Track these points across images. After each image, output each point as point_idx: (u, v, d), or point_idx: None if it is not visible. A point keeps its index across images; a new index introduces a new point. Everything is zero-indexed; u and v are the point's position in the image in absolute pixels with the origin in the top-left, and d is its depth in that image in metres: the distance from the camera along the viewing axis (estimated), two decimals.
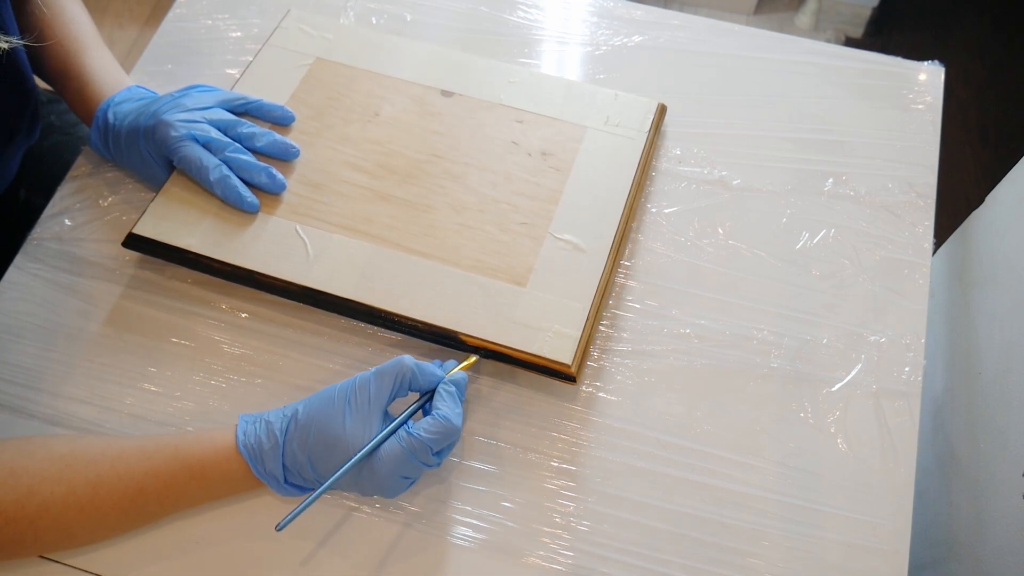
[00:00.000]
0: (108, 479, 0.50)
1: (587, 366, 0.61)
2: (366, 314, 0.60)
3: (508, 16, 0.79)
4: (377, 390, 0.52)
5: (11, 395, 0.60)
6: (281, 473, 0.52)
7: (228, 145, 0.63)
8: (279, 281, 0.61)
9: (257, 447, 0.51)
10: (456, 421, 0.51)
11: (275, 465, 0.51)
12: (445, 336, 0.59)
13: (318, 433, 0.51)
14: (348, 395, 0.52)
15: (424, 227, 0.63)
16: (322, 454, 0.51)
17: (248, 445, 0.52)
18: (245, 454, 0.51)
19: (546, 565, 0.55)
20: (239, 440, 0.52)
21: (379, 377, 0.52)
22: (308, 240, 0.62)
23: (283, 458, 0.51)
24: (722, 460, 0.58)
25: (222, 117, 0.64)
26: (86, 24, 0.70)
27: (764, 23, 1.85)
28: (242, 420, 0.53)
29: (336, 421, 0.51)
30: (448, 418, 0.51)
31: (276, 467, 0.51)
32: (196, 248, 0.61)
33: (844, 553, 0.55)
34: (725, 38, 0.78)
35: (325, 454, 0.51)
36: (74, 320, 0.63)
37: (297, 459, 0.51)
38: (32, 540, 0.50)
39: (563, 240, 0.63)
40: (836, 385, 0.61)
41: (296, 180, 0.65)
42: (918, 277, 0.66)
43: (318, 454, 0.51)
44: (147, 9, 1.84)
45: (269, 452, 0.51)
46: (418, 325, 0.59)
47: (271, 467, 0.51)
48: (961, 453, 0.78)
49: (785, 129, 0.73)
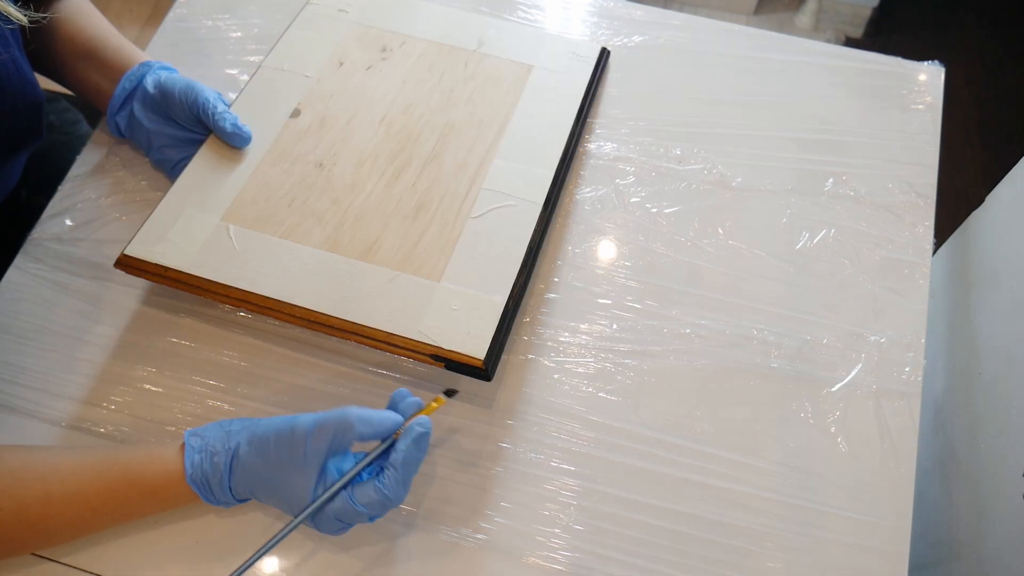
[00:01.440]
0: (58, 497, 0.50)
1: (587, 366, 0.61)
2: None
3: (508, 16, 0.79)
4: (314, 445, 0.49)
5: (11, 395, 0.60)
6: (230, 499, 0.52)
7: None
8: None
9: (204, 481, 0.51)
10: (395, 497, 0.49)
11: (223, 495, 0.51)
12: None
13: (259, 476, 0.50)
14: (285, 444, 0.49)
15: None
16: (265, 493, 0.51)
17: (196, 479, 0.51)
18: (194, 487, 0.51)
19: (546, 565, 0.55)
20: (187, 473, 0.51)
21: (317, 431, 0.49)
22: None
23: (230, 490, 0.51)
24: (722, 460, 0.58)
25: None
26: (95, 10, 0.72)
27: (764, 23, 1.85)
28: (189, 447, 0.52)
29: (274, 470, 0.50)
30: (387, 496, 0.49)
31: (225, 496, 0.51)
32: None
33: (844, 553, 0.55)
34: (725, 38, 0.78)
35: (268, 493, 0.51)
36: (74, 320, 0.63)
37: (242, 491, 0.51)
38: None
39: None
40: (836, 385, 0.61)
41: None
42: (918, 277, 0.66)
43: (262, 492, 0.51)
44: (147, 9, 1.84)
45: (216, 486, 0.51)
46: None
47: (220, 497, 0.51)
48: (961, 453, 0.78)
49: (785, 129, 0.73)
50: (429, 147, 0.67)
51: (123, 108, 0.67)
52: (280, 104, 0.69)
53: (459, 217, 0.63)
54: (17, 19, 0.57)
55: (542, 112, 0.69)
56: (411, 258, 0.61)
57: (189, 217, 0.62)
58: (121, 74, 0.67)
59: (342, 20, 0.75)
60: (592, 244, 0.67)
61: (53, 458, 0.52)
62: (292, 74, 0.70)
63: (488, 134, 0.68)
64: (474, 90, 0.70)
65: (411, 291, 0.59)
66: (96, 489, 0.51)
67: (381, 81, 0.71)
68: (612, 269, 0.66)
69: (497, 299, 0.59)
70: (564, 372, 0.61)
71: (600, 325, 0.63)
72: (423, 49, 0.73)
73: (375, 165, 0.66)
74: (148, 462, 0.52)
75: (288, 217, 0.63)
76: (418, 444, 0.50)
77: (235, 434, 0.52)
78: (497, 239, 0.62)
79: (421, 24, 0.74)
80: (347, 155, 0.66)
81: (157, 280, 0.61)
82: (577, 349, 0.62)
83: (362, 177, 0.65)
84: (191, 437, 0.52)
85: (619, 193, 0.69)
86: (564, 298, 0.64)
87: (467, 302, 0.59)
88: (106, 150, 0.72)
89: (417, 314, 0.58)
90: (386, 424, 0.50)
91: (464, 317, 0.58)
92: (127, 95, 0.67)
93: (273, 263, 0.60)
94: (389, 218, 0.63)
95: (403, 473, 0.49)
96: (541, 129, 0.68)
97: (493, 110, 0.69)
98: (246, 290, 0.59)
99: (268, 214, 0.63)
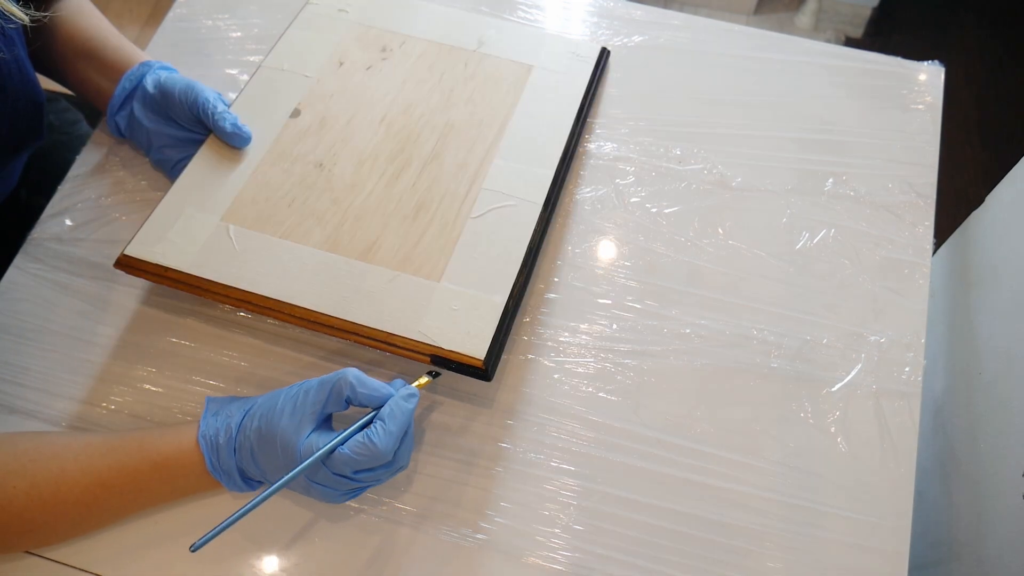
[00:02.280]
0: (71, 473, 0.51)
1: (587, 366, 0.61)
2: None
3: (508, 16, 0.79)
4: (315, 397, 0.51)
5: (11, 395, 0.60)
6: (233, 467, 0.52)
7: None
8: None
9: (214, 439, 0.52)
10: (383, 446, 0.49)
11: (228, 459, 0.52)
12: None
13: (262, 429, 0.51)
14: (290, 397, 0.52)
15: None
16: (264, 452, 0.51)
17: (207, 436, 0.52)
18: (203, 444, 0.52)
19: (546, 565, 0.55)
20: (200, 430, 0.53)
21: (320, 386, 0.52)
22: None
23: (235, 452, 0.52)
24: (722, 460, 0.58)
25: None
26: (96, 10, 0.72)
27: (764, 23, 1.85)
28: (207, 410, 0.54)
29: (275, 420, 0.51)
30: (374, 443, 0.49)
31: (229, 462, 0.52)
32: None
33: (844, 553, 0.55)
34: (725, 38, 0.78)
35: (266, 450, 0.51)
36: (74, 320, 0.63)
37: (244, 453, 0.52)
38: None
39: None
40: (836, 385, 0.61)
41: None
42: (918, 277, 0.66)
43: (260, 450, 0.51)
44: (147, 9, 1.84)
45: (224, 446, 0.52)
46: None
47: (225, 461, 0.52)
48: (961, 453, 0.78)
49: (785, 129, 0.73)
50: (429, 147, 0.67)
51: (123, 108, 0.67)
52: (280, 104, 0.69)
53: (459, 217, 0.63)
54: (19, 18, 0.57)
55: (542, 112, 0.69)
56: (411, 258, 0.61)
57: (189, 217, 0.62)
58: (121, 74, 0.67)
59: (342, 20, 0.75)
60: (592, 244, 0.67)
61: (66, 438, 0.53)
62: (292, 74, 0.70)
63: (488, 134, 0.68)
64: (474, 90, 0.70)
65: (411, 291, 0.59)
66: (108, 463, 0.51)
67: (381, 81, 0.71)
68: (612, 269, 0.66)
69: (497, 299, 0.59)
70: (564, 372, 0.61)
71: (600, 325, 0.63)
72: (423, 49, 0.73)
73: (375, 165, 0.66)
74: (161, 434, 0.53)
75: (288, 217, 0.63)
76: (406, 399, 0.52)
77: (252, 399, 0.54)
78: (497, 239, 0.62)
79: (421, 24, 0.74)
80: (347, 155, 0.66)
81: (157, 280, 0.61)
82: (577, 349, 0.62)
83: (362, 177, 0.65)
84: (211, 402, 0.54)
85: (619, 193, 0.69)
86: (564, 298, 0.64)
87: (467, 302, 0.59)
88: (106, 150, 0.72)
89: (417, 314, 0.58)
90: (381, 391, 0.52)
91: (464, 317, 0.58)
92: (127, 95, 0.67)
93: (273, 263, 0.60)
94: (389, 218, 0.63)
95: (390, 423, 0.50)
96: (541, 129, 0.68)
97: (493, 110, 0.69)
98: (246, 290, 0.59)
99: (268, 214, 0.63)
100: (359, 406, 0.52)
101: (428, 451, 0.58)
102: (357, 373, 0.52)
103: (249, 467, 0.52)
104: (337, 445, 0.50)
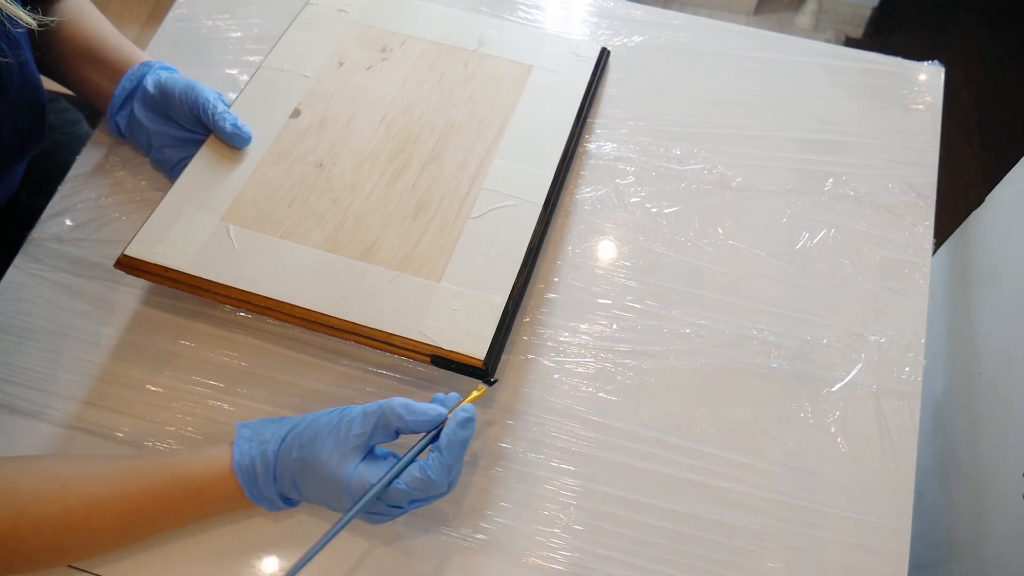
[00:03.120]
0: (103, 500, 0.50)
1: (587, 366, 0.61)
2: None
3: (508, 16, 0.79)
4: (359, 430, 0.50)
5: (11, 395, 0.60)
6: (274, 494, 0.52)
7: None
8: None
9: (251, 469, 0.51)
10: (438, 479, 0.49)
11: (268, 487, 0.51)
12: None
13: (305, 460, 0.50)
14: (332, 427, 0.51)
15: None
16: (307, 481, 0.51)
17: (243, 466, 0.51)
18: (239, 475, 0.51)
19: (546, 565, 0.55)
20: (235, 460, 0.51)
21: (364, 418, 0.50)
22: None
23: (275, 480, 0.51)
24: (722, 460, 0.58)
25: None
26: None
27: (764, 23, 1.85)
28: (239, 436, 0.53)
29: (318, 451, 0.50)
30: (431, 478, 0.49)
31: (269, 489, 0.51)
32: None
33: (844, 553, 0.55)
34: (725, 38, 0.78)
35: (309, 479, 0.50)
36: (74, 320, 0.63)
37: (285, 480, 0.51)
38: (25, 558, 0.50)
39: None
40: (836, 385, 0.61)
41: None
42: (918, 277, 0.66)
43: (304, 479, 0.51)
44: (147, 9, 1.84)
45: (262, 475, 0.51)
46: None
47: (265, 490, 0.51)
48: (961, 453, 0.78)
49: (785, 129, 0.73)
50: (429, 147, 0.67)
51: (123, 108, 0.67)
52: (280, 104, 0.69)
53: (459, 217, 0.63)
54: (26, 23, 0.57)
55: (542, 112, 0.69)
56: (411, 258, 0.61)
57: (189, 217, 0.62)
58: (121, 74, 0.67)
59: (342, 20, 0.75)
60: (592, 244, 0.67)
61: (97, 462, 0.52)
62: (292, 74, 0.71)
63: (488, 134, 0.68)
64: (474, 90, 0.70)
65: (411, 291, 0.59)
66: (139, 489, 0.51)
67: (381, 81, 0.71)
68: (612, 269, 0.66)
69: (497, 299, 0.59)
70: (564, 372, 0.61)
71: (600, 325, 0.63)
72: (423, 49, 0.73)
73: (375, 165, 0.66)
74: (193, 460, 0.52)
75: (288, 217, 0.63)
76: (463, 426, 0.50)
77: (286, 423, 0.53)
78: (497, 239, 0.62)
79: (421, 24, 0.75)
80: (347, 155, 0.66)
81: (157, 280, 0.61)
82: (577, 349, 0.62)
83: (362, 177, 0.65)
84: (242, 428, 0.53)
85: (619, 193, 0.69)
86: (564, 298, 0.64)
87: (467, 302, 0.59)
88: (106, 150, 0.72)
89: (417, 314, 0.58)
90: (430, 414, 0.51)
91: (464, 317, 0.58)
92: (127, 95, 0.67)
93: (273, 263, 0.60)
94: (389, 218, 0.63)
95: (448, 456, 0.49)
96: (541, 129, 0.68)
97: (493, 110, 0.69)
98: (246, 290, 0.59)
99: (268, 214, 0.63)
100: (411, 434, 0.51)
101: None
102: (404, 402, 0.50)
103: (291, 492, 0.52)
104: (393, 478, 0.49)
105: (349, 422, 0.50)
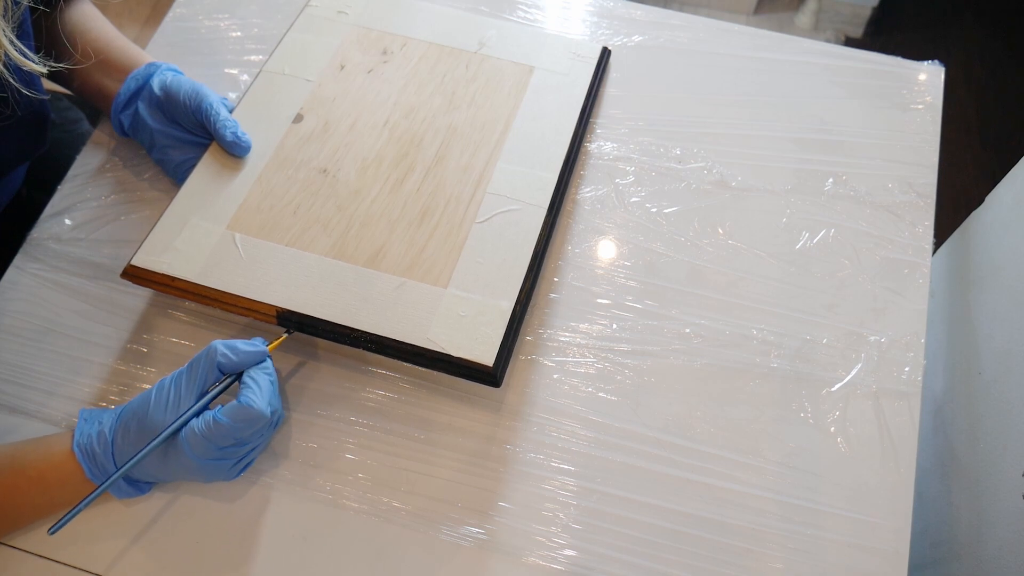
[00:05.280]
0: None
1: (588, 366, 0.61)
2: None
3: (508, 16, 0.79)
4: (188, 379, 0.52)
5: (11, 395, 0.60)
6: (112, 465, 0.52)
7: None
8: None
9: (89, 446, 0.52)
10: (260, 406, 0.51)
11: (108, 464, 0.52)
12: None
13: (134, 425, 0.51)
14: (162, 389, 0.52)
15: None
16: (146, 438, 0.51)
17: (82, 445, 0.52)
18: (78, 454, 0.51)
19: (546, 565, 0.55)
20: (75, 439, 0.52)
21: (190, 367, 0.53)
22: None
23: (113, 456, 0.52)
24: (722, 460, 0.58)
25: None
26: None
27: (764, 23, 1.85)
28: (80, 419, 0.54)
29: (148, 412, 0.51)
30: (250, 403, 0.50)
31: (109, 467, 0.52)
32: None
33: (844, 553, 0.55)
34: (725, 38, 0.78)
35: (149, 437, 0.51)
36: (74, 320, 0.63)
37: (123, 455, 0.51)
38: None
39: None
40: (836, 385, 0.61)
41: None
42: (918, 277, 0.66)
43: (140, 447, 0.51)
44: (147, 9, 1.84)
45: (100, 453, 0.52)
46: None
47: (105, 467, 0.52)
48: (961, 453, 0.78)
49: (785, 129, 0.73)
50: (433, 151, 0.67)
51: (128, 107, 0.67)
52: (282, 109, 0.69)
53: (464, 222, 0.63)
54: (38, 72, 0.56)
55: (545, 114, 0.69)
56: (417, 264, 0.61)
57: (195, 226, 0.62)
58: (126, 74, 0.67)
59: (342, 22, 0.74)
60: (592, 244, 0.67)
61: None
62: (293, 78, 0.70)
63: (491, 137, 0.67)
64: (476, 92, 0.70)
65: (418, 298, 0.59)
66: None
67: (383, 84, 0.71)
68: (612, 269, 0.66)
69: (504, 305, 0.59)
70: (564, 372, 0.61)
71: (600, 325, 0.63)
72: (424, 51, 0.73)
73: (379, 170, 0.66)
74: (35, 447, 0.53)
75: (294, 224, 0.62)
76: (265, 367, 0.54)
77: (125, 405, 0.54)
78: (503, 244, 0.62)
79: (421, 25, 0.74)
80: (351, 160, 0.66)
81: (163, 290, 0.60)
82: (577, 349, 0.62)
83: (367, 182, 0.65)
84: (84, 412, 0.55)
85: (619, 193, 0.69)
86: (564, 298, 0.64)
87: (474, 308, 0.59)
88: (107, 150, 0.72)
89: (425, 321, 0.58)
90: (250, 354, 0.53)
91: (472, 324, 0.58)
92: (131, 94, 0.67)
93: (279, 271, 0.60)
94: (395, 224, 0.63)
95: (260, 385, 0.52)
96: (544, 131, 0.68)
97: (496, 112, 0.69)
98: (253, 299, 0.59)
99: (273, 222, 0.63)
100: (235, 372, 0.53)
101: (428, 451, 0.58)
102: (223, 344, 0.53)
103: (137, 472, 0.52)
104: (200, 410, 0.51)
105: (175, 378, 0.52)
